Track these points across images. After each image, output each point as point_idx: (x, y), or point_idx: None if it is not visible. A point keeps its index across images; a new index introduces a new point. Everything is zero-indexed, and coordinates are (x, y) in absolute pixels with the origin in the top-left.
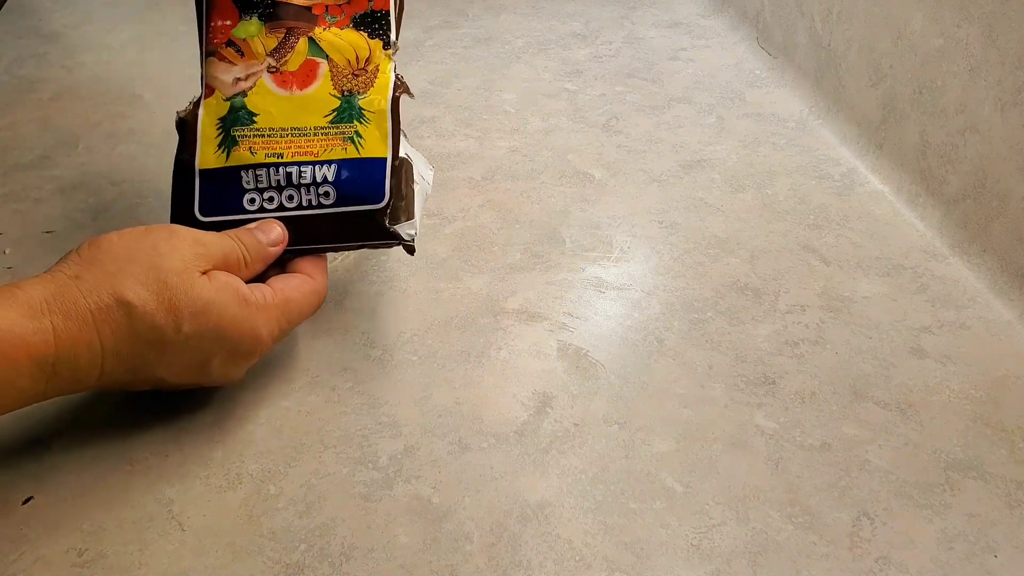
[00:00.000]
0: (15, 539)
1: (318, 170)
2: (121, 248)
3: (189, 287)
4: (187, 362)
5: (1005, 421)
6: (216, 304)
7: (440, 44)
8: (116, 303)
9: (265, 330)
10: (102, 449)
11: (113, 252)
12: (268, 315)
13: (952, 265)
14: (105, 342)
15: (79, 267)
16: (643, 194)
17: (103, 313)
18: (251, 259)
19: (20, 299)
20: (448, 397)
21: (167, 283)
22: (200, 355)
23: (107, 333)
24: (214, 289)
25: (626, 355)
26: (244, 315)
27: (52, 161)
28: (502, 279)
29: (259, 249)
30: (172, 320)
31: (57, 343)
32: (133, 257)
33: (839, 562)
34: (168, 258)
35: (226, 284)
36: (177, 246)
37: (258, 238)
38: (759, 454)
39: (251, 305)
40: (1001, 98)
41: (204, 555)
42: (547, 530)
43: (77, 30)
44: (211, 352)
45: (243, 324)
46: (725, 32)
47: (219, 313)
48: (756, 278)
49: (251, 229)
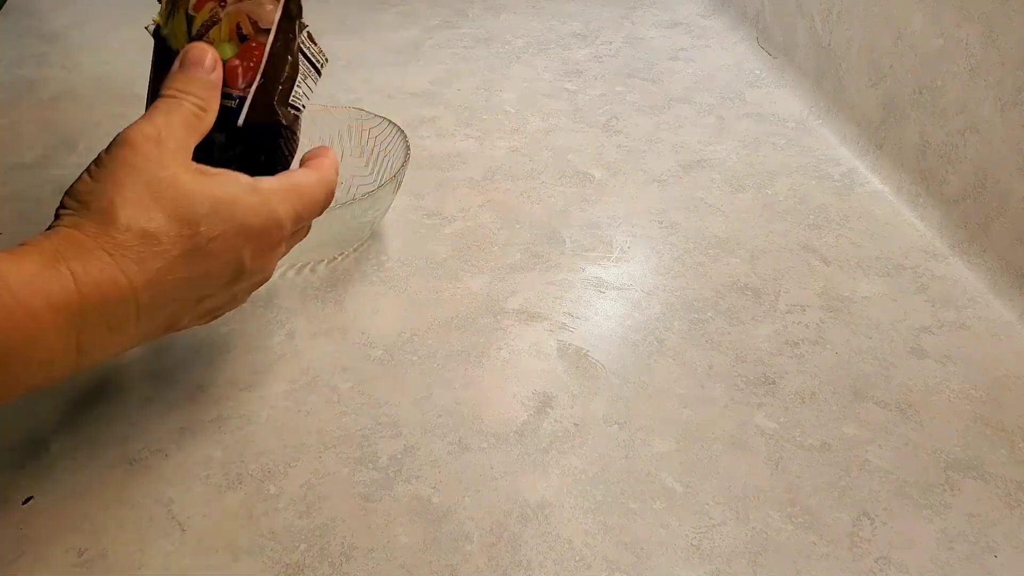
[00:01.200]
0: (15, 539)
1: None
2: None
3: (189, 191)
4: (221, 267)
5: (1005, 421)
6: (225, 199)
7: (440, 44)
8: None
9: (282, 210)
10: (102, 449)
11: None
12: (281, 197)
13: (952, 265)
14: (132, 277)
15: (73, 217)
16: (643, 194)
17: (119, 248)
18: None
19: (30, 250)
20: (448, 397)
21: (166, 196)
22: (230, 254)
23: (131, 266)
24: (217, 184)
25: (626, 355)
26: (258, 201)
27: (52, 161)
28: (502, 279)
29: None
30: (189, 228)
31: (80, 288)
32: (121, 187)
33: (839, 562)
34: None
35: (227, 178)
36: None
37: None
38: (759, 454)
39: (260, 191)
40: (1001, 98)
41: (204, 555)
42: (547, 530)
43: (77, 30)
44: (239, 247)
45: (260, 208)
46: (725, 32)
47: (231, 205)
48: (756, 278)
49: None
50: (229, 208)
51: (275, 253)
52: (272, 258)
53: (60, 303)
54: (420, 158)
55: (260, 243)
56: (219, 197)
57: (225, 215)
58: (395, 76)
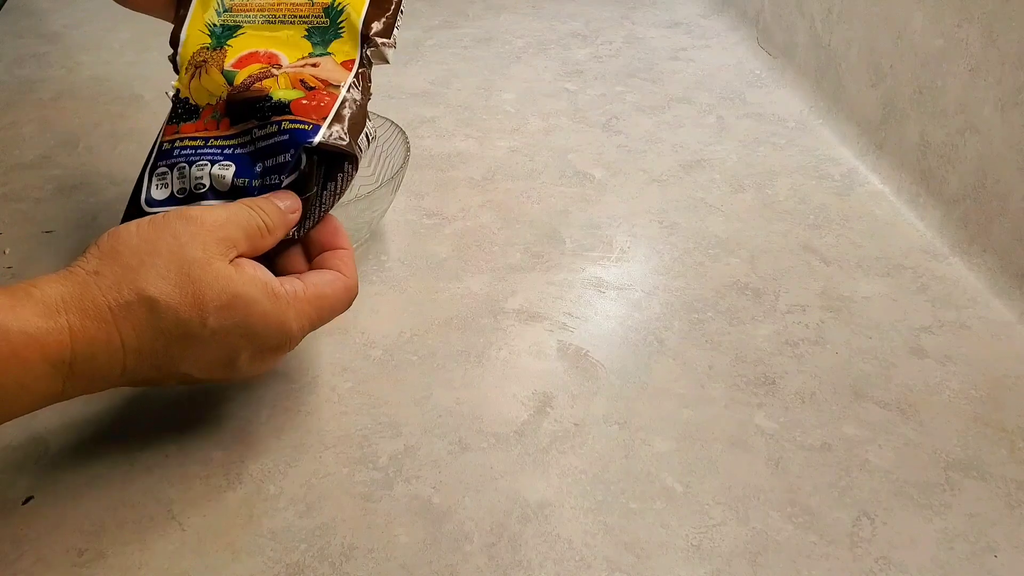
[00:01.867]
0: (15, 539)
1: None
2: (140, 240)
3: (214, 279)
4: (214, 357)
5: (1005, 421)
6: (243, 298)
7: (440, 44)
8: (138, 299)
9: (296, 324)
10: (102, 449)
11: (132, 245)
12: (299, 309)
13: (952, 265)
14: (127, 339)
15: (98, 262)
16: (643, 194)
17: (123, 310)
18: (272, 224)
19: (35, 297)
20: (448, 397)
21: (190, 276)
22: (227, 350)
23: (128, 330)
24: (242, 282)
25: (626, 355)
26: (273, 309)
27: (52, 161)
28: (502, 279)
29: (279, 215)
30: (198, 314)
31: (73, 342)
32: (154, 248)
33: (839, 562)
34: (190, 247)
35: (254, 277)
36: (197, 233)
37: (276, 204)
38: (759, 454)
39: (280, 299)
40: (1001, 98)
41: (204, 555)
42: (547, 530)
43: (77, 30)
44: (239, 347)
45: (272, 318)
46: (725, 32)
47: (247, 307)
48: (756, 278)
49: (267, 197)
50: (244, 308)
51: (274, 358)
52: (269, 363)
53: (53, 355)
54: (420, 158)
55: (261, 348)
56: (237, 293)
57: (237, 315)
58: (395, 76)
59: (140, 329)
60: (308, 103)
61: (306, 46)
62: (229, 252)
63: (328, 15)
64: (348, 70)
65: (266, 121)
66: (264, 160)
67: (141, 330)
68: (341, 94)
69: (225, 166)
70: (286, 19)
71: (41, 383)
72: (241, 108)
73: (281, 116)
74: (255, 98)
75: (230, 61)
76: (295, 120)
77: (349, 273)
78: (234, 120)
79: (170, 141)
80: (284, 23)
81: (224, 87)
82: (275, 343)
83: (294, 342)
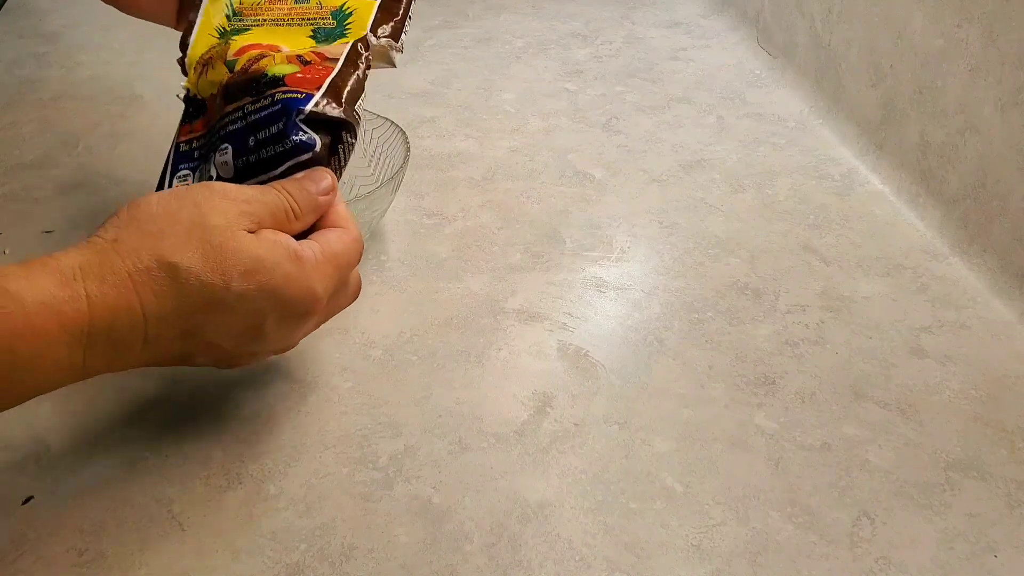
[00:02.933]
0: (15, 539)
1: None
2: (161, 209)
3: (236, 246)
4: (240, 324)
5: (1005, 421)
6: (267, 261)
7: (440, 44)
8: (158, 265)
9: (320, 287)
10: (102, 449)
11: (153, 213)
12: (322, 271)
13: (952, 265)
14: (147, 306)
15: (117, 230)
16: (643, 194)
17: (144, 276)
18: (301, 210)
19: (51, 267)
20: (448, 397)
21: (212, 242)
22: (254, 316)
23: (149, 297)
24: (264, 247)
25: (626, 355)
26: (298, 271)
27: (52, 161)
28: (502, 279)
29: (309, 200)
30: (221, 279)
31: (92, 309)
32: (175, 217)
33: (839, 562)
34: (212, 216)
35: (275, 242)
36: (219, 204)
37: (307, 188)
38: (759, 454)
39: (304, 262)
40: (1001, 98)
41: (204, 555)
42: (547, 530)
43: (77, 30)
44: (264, 312)
45: (298, 282)
46: (725, 32)
47: (271, 271)
48: (756, 278)
49: (298, 179)
50: (268, 272)
51: (303, 324)
52: (298, 329)
53: (71, 323)
54: (420, 158)
55: (287, 312)
56: (260, 257)
57: (261, 279)
58: (395, 76)
59: (162, 296)
60: (303, 76)
61: (310, 43)
62: (252, 225)
63: (335, 18)
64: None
65: (260, 96)
66: (256, 133)
67: (163, 297)
68: (337, 66)
69: (223, 151)
70: (293, 22)
71: (60, 354)
72: (238, 88)
73: (275, 89)
74: (252, 77)
75: (233, 51)
76: (288, 91)
77: (350, 226)
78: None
79: (186, 141)
80: (292, 25)
81: (226, 74)
82: (302, 308)
83: (319, 306)
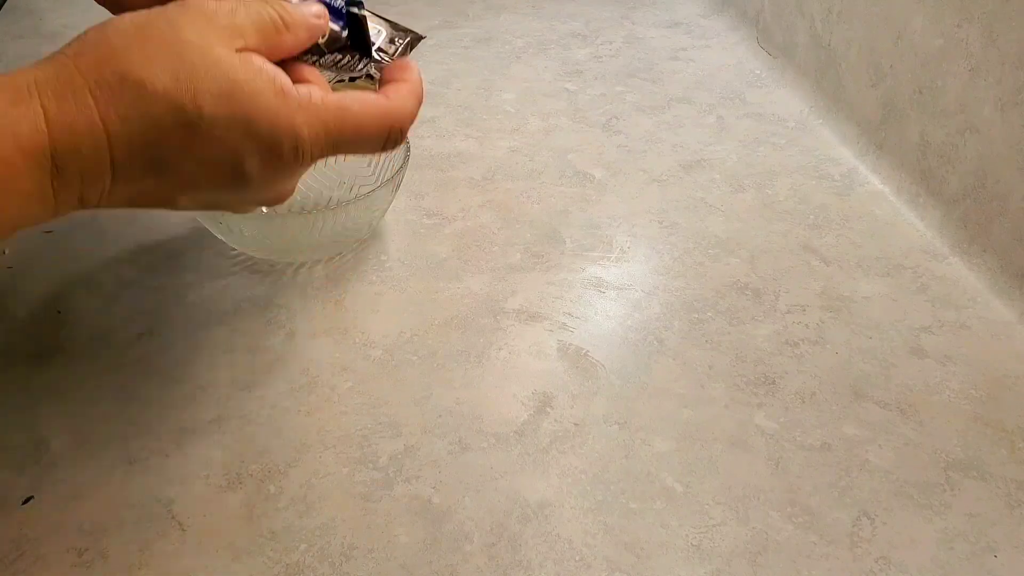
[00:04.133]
0: (15, 539)
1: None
2: (131, 24)
3: (213, 64)
4: (216, 157)
5: (1005, 421)
6: (245, 87)
7: (440, 44)
8: (121, 81)
9: (307, 129)
10: (102, 449)
11: (121, 29)
12: (312, 112)
13: (952, 265)
14: (111, 127)
15: (81, 44)
16: (643, 194)
17: (106, 92)
18: (291, 20)
19: (3, 83)
20: (448, 397)
21: (183, 59)
22: (230, 150)
23: (112, 116)
24: (244, 71)
25: (626, 355)
26: (280, 105)
27: None
28: (502, 279)
29: (297, 10)
30: (191, 100)
31: (51, 129)
32: (145, 32)
33: (839, 562)
34: (186, 30)
35: (260, 69)
36: (196, 19)
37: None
38: (759, 454)
39: (290, 96)
40: (1001, 98)
41: (204, 555)
42: (547, 530)
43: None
44: (242, 147)
45: (277, 116)
46: (725, 32)
47: (249, 98)
48: (756, 278)
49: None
50: (246, 100)
51: (287, 171)
52: (284, 176)
53: (30, 145)
54: (420, 158)
55: (269, 152)
56: (237, 81)
57: (236, 105)
58: None
59: (126, 116)
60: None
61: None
62: (234, 41)
63: None
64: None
65: None
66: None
67: (128, 117)
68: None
69: None
70: None
71: (24, 181)
72: None
73: None
74: None
75: None
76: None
77: (395, 97)
78: None
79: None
80: None
81: None
82: (284, 148)
83: (304, 149)
